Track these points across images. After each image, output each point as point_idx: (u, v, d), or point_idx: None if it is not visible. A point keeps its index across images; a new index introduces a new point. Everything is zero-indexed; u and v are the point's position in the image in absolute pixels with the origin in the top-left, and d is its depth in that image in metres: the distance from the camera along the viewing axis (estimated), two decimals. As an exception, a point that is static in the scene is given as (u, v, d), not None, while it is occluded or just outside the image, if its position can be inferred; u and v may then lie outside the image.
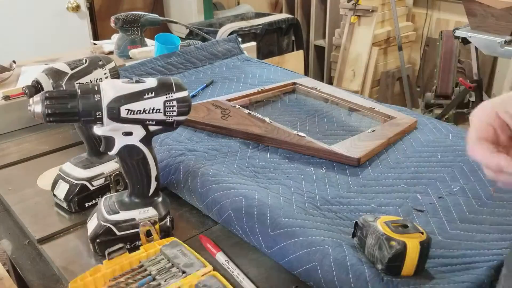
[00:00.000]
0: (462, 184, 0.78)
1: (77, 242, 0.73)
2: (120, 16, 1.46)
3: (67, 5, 2.35)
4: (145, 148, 0.67)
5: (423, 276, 0.58)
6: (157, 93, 0.63)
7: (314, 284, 0.61)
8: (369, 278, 0.57)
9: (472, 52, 2.46)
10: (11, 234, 0.79)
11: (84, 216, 0.77)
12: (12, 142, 1.05)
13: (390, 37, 3.34)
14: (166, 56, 1.31)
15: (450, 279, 0.57)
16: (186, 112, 0.66)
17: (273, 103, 1.14)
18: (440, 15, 3.40)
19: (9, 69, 1.30)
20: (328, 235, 0.64)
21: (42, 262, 0.72)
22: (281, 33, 3.16)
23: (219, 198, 0.74)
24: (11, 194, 0.85)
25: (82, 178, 0.78)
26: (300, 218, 0.68)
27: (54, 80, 0.77)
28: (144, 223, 0.68)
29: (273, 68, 1.36)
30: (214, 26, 3.20)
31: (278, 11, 4.00)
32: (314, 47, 3.76)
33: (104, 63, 0.83)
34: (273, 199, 0.72)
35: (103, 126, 0.63)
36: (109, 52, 1.53)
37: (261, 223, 0.68)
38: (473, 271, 0.58)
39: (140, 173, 0.68)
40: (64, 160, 0.84)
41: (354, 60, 3.34)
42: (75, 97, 0.61)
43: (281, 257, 0.65)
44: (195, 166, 0.81)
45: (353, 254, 0.61)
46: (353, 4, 3.22)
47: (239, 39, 1.48)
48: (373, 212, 0.72)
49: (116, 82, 0.64)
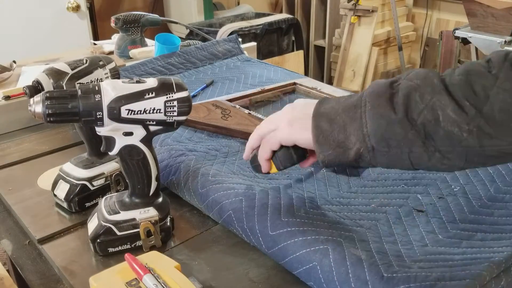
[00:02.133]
0: (463, 185, 0.78)
1: (77, 242, 0.73)
2: (120, 16, 1.46)
3: (67, 5, 2.35)
4: (146, 148, 0.67)
5: (424, 274, 0.58)
6: (158, 93, 0.63)
7: (315, 284, 0.61)
8: (369, 277, 0.57)
9: (472, 52, 2.47)
10: (11, 234, 0.79)
11: (84, 216, 0.77)
12: (12, 142, 1.05)
13: (390, 37, 3.35)
14: (166, 56, 1.32)
15: (451, 275, 0.57)
16: (187, 112, 0.66)
17: (273, 103, 1.14)
18: (440, 15, 3.40)
19: (9, 69, 1.30)
20: (328, 234, 0.65)
21: (42, 262, 0.72)
22: (281, 33, 3.16)
23: (219, 199, 0.74)
24: (11, 194, 0.85)
25: (82, 178, 0.78)
26: (300, 218, 0.68)
27: (54, 80, 0.77)
28: (145, 223, 0.68)
29: (273, 68, 1.36)
30: (214, 26, 3.20)
31: (278, 11, 4.01)
32: (314, 47, 3.76)
33: (104, 63, 0.83)
34: (273, 199, 0.72)
35: (104, 126, 0.63)
36: (109, 52, 1.53)
37: (261, 223, 0.68)
38: (474, 267, 0.58)
39: (141, 173, 0.68)
40: (64, 160, 0.84)
41: (354, 60, 3.34)
42: (75, 97, 0.61)
43: (281, 257, 0.65)
44: (195, 166, 0.81)
45: (353, 253, 0.61)
46: (353, 4, 3.22)
47: (239, 39, 1.48)
48: (373, 212, 0.72)
49: (117, 82, 0.64)
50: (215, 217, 0.75)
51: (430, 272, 0.58)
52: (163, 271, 0.61)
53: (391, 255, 0.62)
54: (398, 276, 0.57)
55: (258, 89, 1.15)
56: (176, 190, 0.82)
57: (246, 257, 0.69)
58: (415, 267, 0.59)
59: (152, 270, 0.60)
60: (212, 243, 0.72)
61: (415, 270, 0.58)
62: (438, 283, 0.56)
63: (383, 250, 0.63)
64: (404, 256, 0.62)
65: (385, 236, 0.66)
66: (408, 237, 0.66)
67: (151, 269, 0.60)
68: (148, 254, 0.65)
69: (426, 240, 0.65)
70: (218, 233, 0.74)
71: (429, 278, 0.56)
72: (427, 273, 0.58)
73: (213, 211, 0.75)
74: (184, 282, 0.59)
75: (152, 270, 0.60)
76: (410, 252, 0.63)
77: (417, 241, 0.65)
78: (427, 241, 0.65)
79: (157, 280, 0.59)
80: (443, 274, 0.57)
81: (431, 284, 0.56)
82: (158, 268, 0.61)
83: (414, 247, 0.64)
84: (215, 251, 0.71)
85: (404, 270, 0.58)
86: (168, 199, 0.73)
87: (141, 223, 0.68)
